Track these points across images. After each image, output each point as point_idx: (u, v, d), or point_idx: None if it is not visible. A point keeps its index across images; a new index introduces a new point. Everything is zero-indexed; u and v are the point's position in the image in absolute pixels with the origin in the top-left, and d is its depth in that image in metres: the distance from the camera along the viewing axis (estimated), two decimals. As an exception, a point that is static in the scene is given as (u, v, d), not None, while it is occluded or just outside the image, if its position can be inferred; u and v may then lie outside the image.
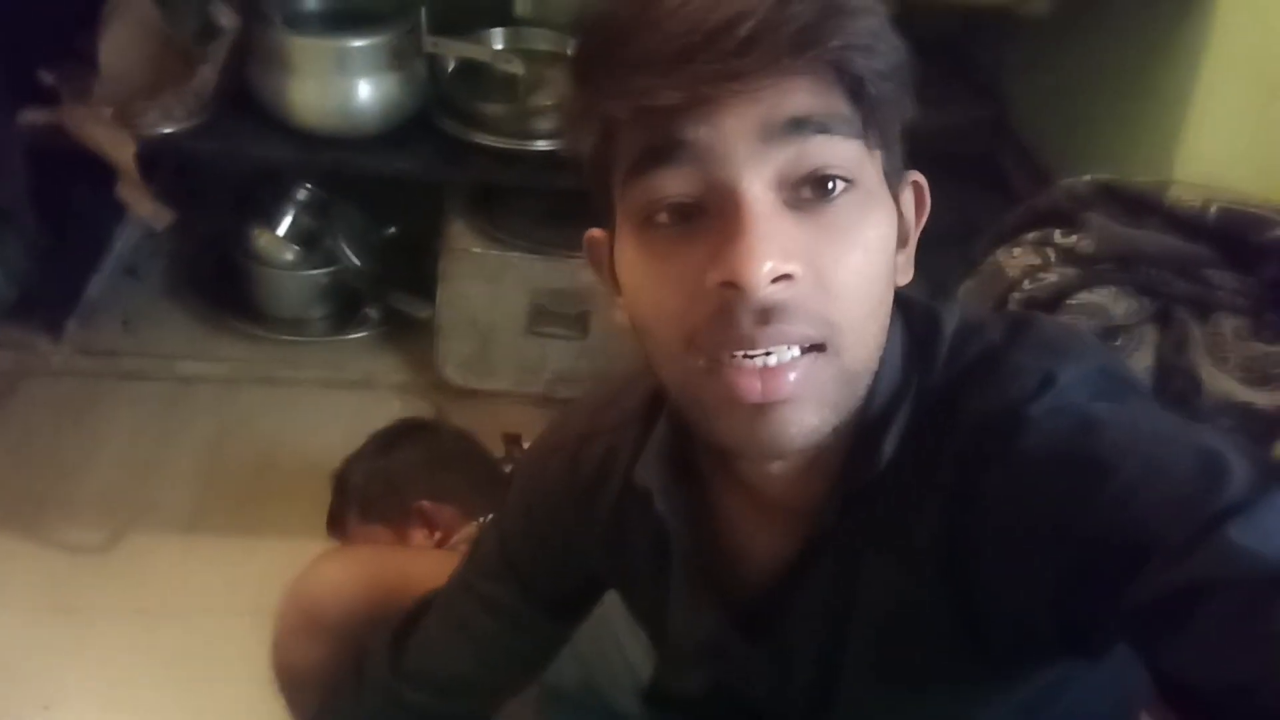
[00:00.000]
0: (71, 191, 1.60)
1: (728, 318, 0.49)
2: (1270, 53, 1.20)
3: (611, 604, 0.79)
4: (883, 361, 0.56)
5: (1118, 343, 0.97)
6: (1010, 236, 1.09)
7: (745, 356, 0.50)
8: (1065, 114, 1.62)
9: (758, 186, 0.48)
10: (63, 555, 1.38)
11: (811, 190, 0.50)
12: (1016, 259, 1.05)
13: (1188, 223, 1.01)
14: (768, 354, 0.50)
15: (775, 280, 0.48)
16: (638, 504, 0.65)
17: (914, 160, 0.57)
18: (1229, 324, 0.97)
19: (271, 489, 1.49)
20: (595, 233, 0.59)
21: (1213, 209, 1.01)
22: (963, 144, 1.72)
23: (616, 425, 0.70)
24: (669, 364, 0.54)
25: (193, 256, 1.83)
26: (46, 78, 1.44)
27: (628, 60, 0.48)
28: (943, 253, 1.15)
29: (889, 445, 0.56)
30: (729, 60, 0.46)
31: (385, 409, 1.53)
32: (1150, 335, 0.98)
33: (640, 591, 0.73)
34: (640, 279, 0.53)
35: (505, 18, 1.68)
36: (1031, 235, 1.07)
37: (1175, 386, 0.93)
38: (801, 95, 0.48)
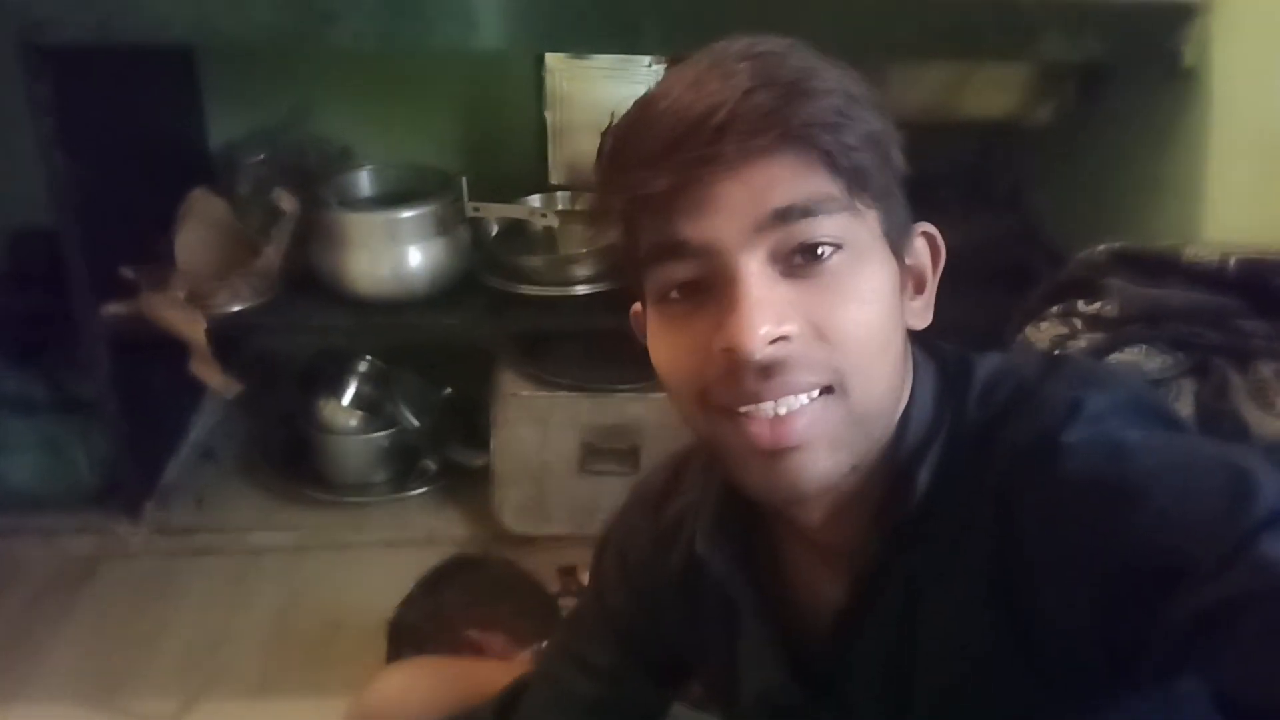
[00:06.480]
0: (151, 382, 1.70)
1: (734, 377, 0.54)
2: (1272, 124, 1.23)
3: None
4: (912, 401, 0.59)
5: (1156, 395, 0.95)
6: (1036, 312, 1.10)
7: (755, 407, 0.54)
8: (1087, 213, 1.65)
9: (753, 264, 0.54)
10: (136, 726, 1.39)
11: (803, 257, 0.55)
12: (1044, 332, 1.06)
13: (1208, 277, 1.02)
14: (776, 404, 0.54)
15: (773, 342, 0.53)
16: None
17: (948, 277, 0.62)
18: (1269, 369, 0.95)
19: (337, 650, 1.49)
20: (636, 307, 0.64)
21: (1232, 261, 1.02)
22: (993, 257, 1.75)
23: (692, 483, 0.74)
24: (692, 419, 0.59)
25: (263, 434, 1.91)
26: (127, 274, 1.56)
27: (627, 158, 0.56)
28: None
29: (923, 479, 0.58)
30: (706, 147, 0.52)
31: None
32: (1188, 387, 0.97)
33: (712, 657, 0.73)
34: (660, 347, 0.59)
35: (541, 185, 1.80)
36: (1055, 308, 1.08)
37: (1222, 431, 0.91)
38: (784, 184, 0.54)
